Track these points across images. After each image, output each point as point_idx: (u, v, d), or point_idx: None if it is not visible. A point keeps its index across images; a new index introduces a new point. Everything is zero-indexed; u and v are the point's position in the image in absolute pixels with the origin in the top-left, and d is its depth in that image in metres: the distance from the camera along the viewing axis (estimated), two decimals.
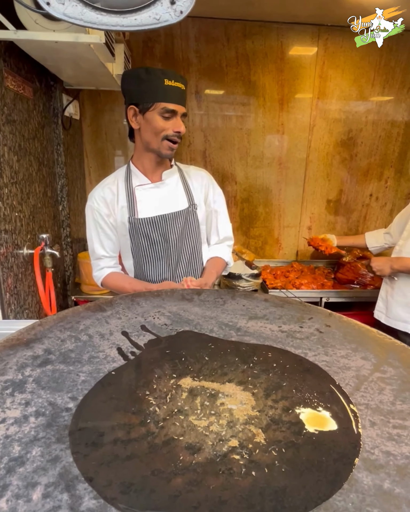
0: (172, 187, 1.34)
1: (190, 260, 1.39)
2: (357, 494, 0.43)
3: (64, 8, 0.72)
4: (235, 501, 0.43)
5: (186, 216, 1.33)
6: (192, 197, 1.35)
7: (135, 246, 1.33)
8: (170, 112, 1.18)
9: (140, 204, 1.30)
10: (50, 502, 0.41)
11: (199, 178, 1.40)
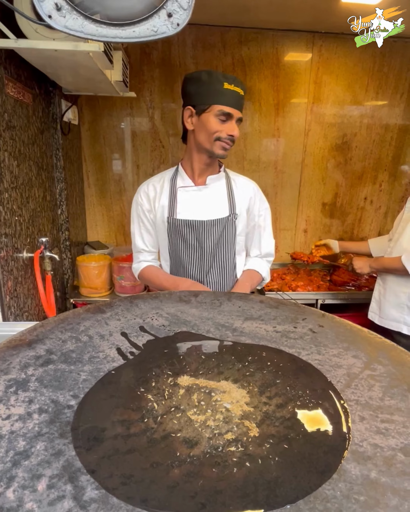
0: (215, 192, 1.34)
1: (223, 268, 1.38)
2: (345, 483, 0.46)
3: (66, 21, 0.75)
4: (230, 491, 0.45)
5: (225, 225, 1.33)
6: (234, 206, 1.34)
7: (172, 246, 1.36)
8: (226, 115, 1.20)
9: (180, 205, 1.33)
10: (55, 492, 0.43)
11: (246, 188, 1.38)
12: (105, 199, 2.55)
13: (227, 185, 1.36)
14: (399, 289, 1.71)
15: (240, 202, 1.36)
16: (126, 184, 2.54)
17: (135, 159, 2.49)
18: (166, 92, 2.37)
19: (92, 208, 2.56)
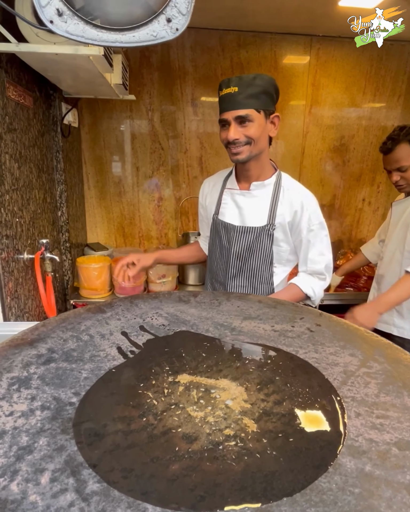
0: (257, 199, 1.32)
1: (255, 276, 1.37)
2: (340, 476, 0.47)
3: (67, 26, 0.77)
4: (228, 484, 0.46)
5: (260, 233, 1.31)
6: (274, 216, 1.30)
7: (211, 241, 1.47)
8: (223, 122, 1.23)
9: (224, 207, 1.39)
10: (58, 486, 0.44)
11: (294, 200, 1.31)
12: (105, 201, 2.56)
13: (273, 193, 1.32)
14: None
15: (282, 214, 1.30)
16: (126, 186, 2.56)
17: (135, 161, 2.51)
18: (165, 95, 2.40)
19: (92, 209, 2.57)
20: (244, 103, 1.18)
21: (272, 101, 1.25)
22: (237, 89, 1.18)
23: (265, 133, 1.25)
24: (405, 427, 0.55)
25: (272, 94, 1.24)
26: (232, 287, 1.39)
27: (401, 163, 1.59)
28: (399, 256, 1.68)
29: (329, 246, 1.38)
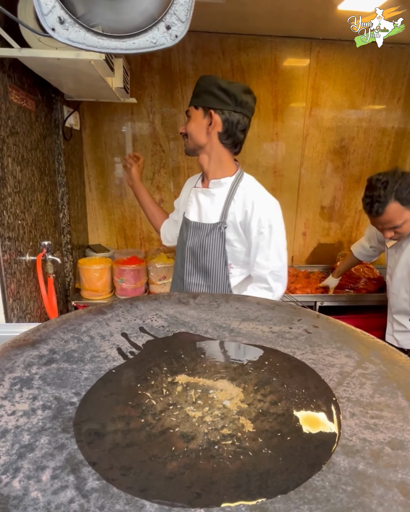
0: (215, 197, 1.36)
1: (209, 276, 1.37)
2: (334, 474, 0.48)
3: (68, 33, 0.78)
4: (224, 482, 0.48)
5: (211, 231, 1.33)
6: (226, 215, 1.32)
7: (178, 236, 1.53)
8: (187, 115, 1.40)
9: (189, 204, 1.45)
10: (58, 482, 0.46)
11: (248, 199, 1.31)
12: (106, 203, 2.58)
13: (229, 192, 1.33)
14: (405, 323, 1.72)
15: (234, 212, 1.32)
16: (127, 188, 2.57)
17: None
18: (166, 98, 2.41)
19: (93, 211, 2.59)
20: (190, 101, 1.36)
21: (215, 99, 1.28)
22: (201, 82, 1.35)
23: (201, 128, 1.32)
24: (398, 427, 0.56)
25: (213, 92, 1.28)
26: (189, 284, 1.41)
27: (395, 223, 1.54)
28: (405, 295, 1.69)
29: (280, 253, 1.33)
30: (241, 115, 1.30)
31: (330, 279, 2.27)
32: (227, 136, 1.33)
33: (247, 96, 1.32)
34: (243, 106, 1.30)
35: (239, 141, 1.37)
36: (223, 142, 1.34)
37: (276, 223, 1.32)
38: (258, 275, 1.36)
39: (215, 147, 1.34)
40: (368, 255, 2.09)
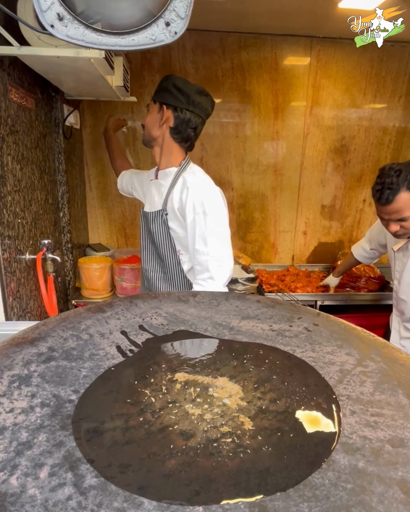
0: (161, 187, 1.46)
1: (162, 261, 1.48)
2: (334, 472, 0.48)
3: (67, 30, 0.78)
4: (223, 479, 0.47)
5: (155, 218, 1.43)
6: (166, 202, 1.41)
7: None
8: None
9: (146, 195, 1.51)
10: (56, 480, 0.45)
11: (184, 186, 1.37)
12: (106, 202, 2.58)
13: (172, 181, 1.42)
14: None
15: (172, 199, 1.38)
16: None
17: (136, 162, 2.53)
18: None
19: (93, 210, 2.59)
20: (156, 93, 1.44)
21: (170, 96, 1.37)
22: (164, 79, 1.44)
23: (155, 122, 1.40)
24: (399, 424, 0.56)
25: (169, 90, 1.38)
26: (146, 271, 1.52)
27: (403, 214, 1.46)
28: None
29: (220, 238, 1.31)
30: (192, 114, 1.40)
31: (330, 278, 2.26)
32: (177, 131, 1.42)
33: (201, 97, 1.41)
34: (195, 105, 1.39)
35: (189, 138, 1.45)
36: (173, 137, 1.43)
37: (211, 208, 1.31)
38: (199, 262, 1.34)
39: (166, 140, 1.43)
40: (368, 257, 2.07)
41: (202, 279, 1.34)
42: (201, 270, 1.35)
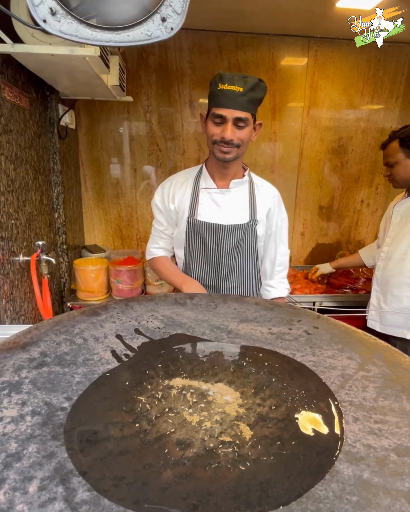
0: (237, 197, 1.34)
1: (244, 273, 1.38)
2: (337, 484, 0.46)
3: (60, 25, 0.76)
4: (222, 492, 0.45)
5: (245, 230, 1.33)
6: (255, 212, 1.34)
7: (189, 246, 1.37)
8: (219, 117, 1.18)
9: (202, 207, 1.33)
10: (46, 494, 0.43)
11: (268, 195, 1.38)
12: (102, 202, 2.55)
13: (249, 190, 1.36)
14: (401, 294, 1.70)
15: (261, 209, 1.35)
16: (124, 188, 2.55)
17: (133, 163, 2.50)
18: (163, 97, 2.39)
19: (89, 211, 2.56)
20: (246, 106, 1.17)
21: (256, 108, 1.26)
22: (241, 89, 1.15)
23: (249, 138, 1.27)
24: (403, 432, 0.54)
25: (261, 101, 1.25)
26: (226, 289, 1.38)
27: (388, 159, 1.74)
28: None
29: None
30: None
31: (326, 265, 2.26)
32: None
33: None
34: None
35: None
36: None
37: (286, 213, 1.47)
38: (281, 263, 1.47)
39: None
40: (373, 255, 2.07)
41: (283, 277, 1.49)
42: (282, 270, 1.48)
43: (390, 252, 1.76)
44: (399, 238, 1.73)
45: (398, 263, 1.72)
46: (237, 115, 1.17)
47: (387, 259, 1.77)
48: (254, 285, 1.43)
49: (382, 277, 1.80)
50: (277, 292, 1.48)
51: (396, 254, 1.73)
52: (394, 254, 1.74)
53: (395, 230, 1.77)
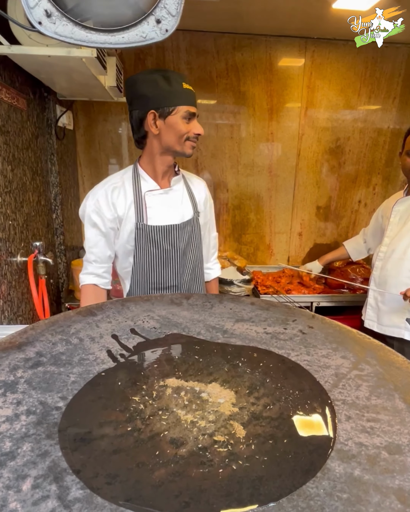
0: (179, 194, 1.36)
1: (195, 267, 1.41)
2: (329, 481, 0.46)
3: (55, 27, 0.76)
4: (214, 490, 0.46)
5: (193, 225, 1.36)
6: (196, 204, 1.38)
7: (139, 252, 1.29)
8: (191, 115, 1.22)
9: (150, 211, 1.28)
10: (39, 492, 0.43)
11: (200, 186, 1.44)
12: None
13: (185, 184, 1.39)
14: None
15: (199, 201, 1.40)
16: None
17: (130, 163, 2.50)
18: None
19: None
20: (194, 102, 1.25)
21: None
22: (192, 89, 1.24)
23: None
24: (395, 430, 0.55)
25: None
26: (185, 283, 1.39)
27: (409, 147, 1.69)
28: None
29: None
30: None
31: (314, 263, 2.27)
32: None
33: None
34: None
35: None
36: None
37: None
38: (214, 245, 1.56)
39: None
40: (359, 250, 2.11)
41: (215, 258, 1.58)
42: (214, 252, 1.57)
43: (388, 252, 1.76)
44: (398, 238, 1.73)
45: (396, 263, 1.71)
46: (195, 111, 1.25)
47: (385, 259, 1.77)
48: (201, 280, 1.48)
49: (380, 277, 1.79)
50: (214, 272, 1.57)
51: (395, 254, 1.72)
52: (393, 254, 1.73)
53: (394, 230, 1.77)
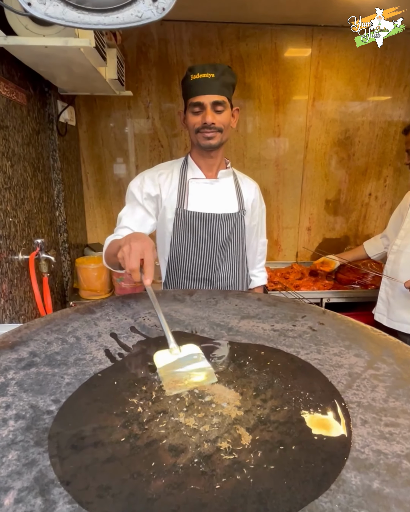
0: (226, 187, 1.33)
1: (234, 265, 1.36)
2: (344, 494, 0.41)
3: (46, 8, 0.72)
4: (216, 504, 0.41)
5: (236, 220, 1.32)
6: (243, 202, 1.35)
7: (175, 238, 1.29)
8: (197, 106, 1.17)
9: (192, 197, 1.28)
10: (22, 507, 0.39)
11: (251, 188, 1.40)
12: (104, 200, 2.52)
13: (234, 181, 1.37)
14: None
15: (247, 200, 1.37)
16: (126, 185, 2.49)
17: (135, 160, 2.47)
18: (164, 91, 2.35)
19: (91, 209, 2.53)
20: (220, 89, 1.17)
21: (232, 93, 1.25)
22: (213, 75, 1.16)
23: (230, 123, 1.25)
24: None
25: (235, 88, 1.25)
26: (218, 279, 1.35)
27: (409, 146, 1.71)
28: None
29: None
30: None
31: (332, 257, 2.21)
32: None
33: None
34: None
35: None
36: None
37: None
38: (262, 252, 1.53)
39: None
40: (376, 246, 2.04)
41: (262, 266, 1.55)
42: (262, 259, 1.55)
43: (402, 245, 1.70)
44: None
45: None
46: (214, 99, 1.17)
47: (398, 253, 1.70)
48: (245, 276, 1.44)
49: (392, 271, 1.73)
50: (259, 280, 1.53)
51: (409, 248, 1.66)
52: (407, 248, 1.67)
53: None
